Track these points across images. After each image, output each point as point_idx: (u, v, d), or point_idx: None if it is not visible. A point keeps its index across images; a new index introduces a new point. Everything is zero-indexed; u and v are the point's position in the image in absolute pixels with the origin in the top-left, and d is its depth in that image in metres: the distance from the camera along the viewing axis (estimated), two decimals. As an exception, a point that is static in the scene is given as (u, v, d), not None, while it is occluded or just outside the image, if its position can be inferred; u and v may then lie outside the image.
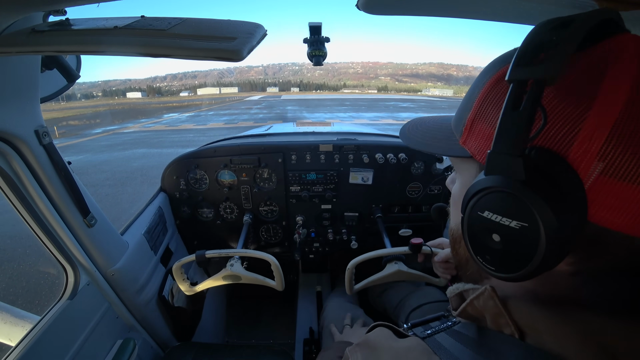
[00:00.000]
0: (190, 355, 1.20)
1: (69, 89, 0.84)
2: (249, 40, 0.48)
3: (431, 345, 0.36)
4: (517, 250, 0.29)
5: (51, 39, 0.53)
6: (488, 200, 0.31)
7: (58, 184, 0.85)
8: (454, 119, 0.43)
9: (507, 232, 0.29)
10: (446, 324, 0.41)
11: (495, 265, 0.32)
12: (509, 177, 0.28)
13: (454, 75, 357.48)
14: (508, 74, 0.29)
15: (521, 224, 0.28)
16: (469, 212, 0.33)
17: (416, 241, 1.06)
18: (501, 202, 0.30)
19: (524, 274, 0.29)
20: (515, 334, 0.31)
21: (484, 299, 0.35)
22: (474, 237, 0.33)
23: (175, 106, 38.62)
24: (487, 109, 0.35)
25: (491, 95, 0.35)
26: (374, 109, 26.44)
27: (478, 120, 0.36)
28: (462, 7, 0.61)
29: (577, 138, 0.27)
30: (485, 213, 0.31)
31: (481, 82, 0.37)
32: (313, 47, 0.73)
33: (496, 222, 0.30)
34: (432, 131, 0.47)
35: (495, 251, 0.31)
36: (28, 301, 2.75)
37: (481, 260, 0.33)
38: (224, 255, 1.19)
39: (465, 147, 0.37)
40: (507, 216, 0.29)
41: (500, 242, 0.30)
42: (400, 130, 0.52)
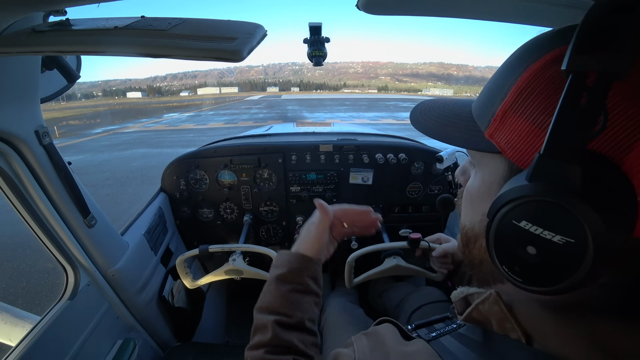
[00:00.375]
0: (190, 355, 1.20)
1: (69, 89, 0.84)
2: (249, 40, 0.48)
3: (437, 348, 0.35)
4: (556, 265, 0.26)
5: (51, 39, 0.53)
6: (528, 209, 0.27)
7: (58, 184, 0.85)
8: (478, 106, 0.38)
9: (547, 246, 0.26)
10: (451, 327, 0.40)
11: (524, 278, 0.29)
12: (559, 185, 0.25)
13: (454, 75, 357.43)
14: (567, 62, 0.24)
15: (566, 239, 0.25)
16: (501, 219, 0.29)
17: (415, 236, 1.07)
18: (545, 213, 0.26)
19: (557, 289, 0.27)
20: (522, 339, 0.30)
21: (489, 304, 0.34)
22: (503, 245, 0.30)
23: (175, 106, 38.63)
24: (527, 100, 0.30)
25: (534, 84, 0.30)
26: (374, 109, 26.44)
27: (513, 113, 0.31)
28: (462, 7, 0.61)
29: (636, 145, 0.24)
30: (522, 223, 0.27)
31: (520, 66, 0.31)
32: (313, 47, 0.73)
33: (534, 234, 0.27)
34: (448, 117, 0.41)
35: (527, 264, 0.28)
36: (28, 301, 2.75)
37: (507, 270, 0.30)
38: (226, 249, 1.21)
39: (492, 141, 0.33)
40: (550, 229, 0.26)
41: (536, 256, 0.27)
42: (410, 114, 0.46)
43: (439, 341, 0.37)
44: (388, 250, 1.19)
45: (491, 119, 0.33)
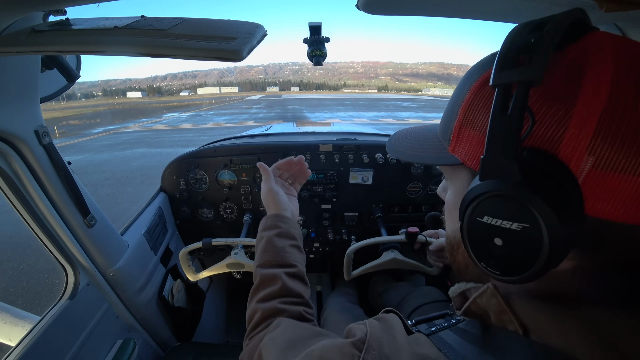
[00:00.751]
0: (190, 355, 1.20)
1: (69, 89, 0.84)
2: (249, 40, 0.48)
3: (436, 342, 0.36)
4: (521, 252, 0.29)
5: (51, 39, 0.53)
6: (486, 205, 0.31)
7: (58, 184, 0.85)
8: (440, 127, 0.43)
9: (509, 235, 0.29)
10: (450, 322, 0.41)
11: (500, 269, 0.31)
12: (504, 180, 0.29)
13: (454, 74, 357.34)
14: (492, 79, 0.29)
15: (522, 225, 0.28)
16: (468, 219, 0.33)
17: (412, 230, 1.11)
18: (499, 205, 0.30)
19: (529, 275, 0.29)
20: (519, 330, 0.31)
21: (486, 297, 0.35)
22: (476, 243, 0.33)
23: (175, 106, 38.61)
24: (473, 114, 0.35)
25: (476, 100, 0.35)
26: (374, 109, 26.44)
27: (465, 127, 0.36)
28: (462, 7, 0.61)
29: (565, 136, 0.27)
30: (484, 218, 0.31)
31: (464, 88, 0.37)
32: (313, 47, 0.73)
33: (497, 226, 0.30)
34: (420, 141, 0.47)
35: (499, 255, 0.31)
36: (28, 301, 2.75)
37: (485, 265, 0.33)
38: (229, 243, 1.22)
39: (455, 155, 0.37)
40: (507, 219, 0.29)
41: (503, 246, 0.30)
42: (386, 144, 0.52)
43: (438, 335, 0.38)
44: (386, 243, 1.22)
45: (450, 136, 0.38)
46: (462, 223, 0.34)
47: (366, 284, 1.83)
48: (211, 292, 1.78)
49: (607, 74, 0.26)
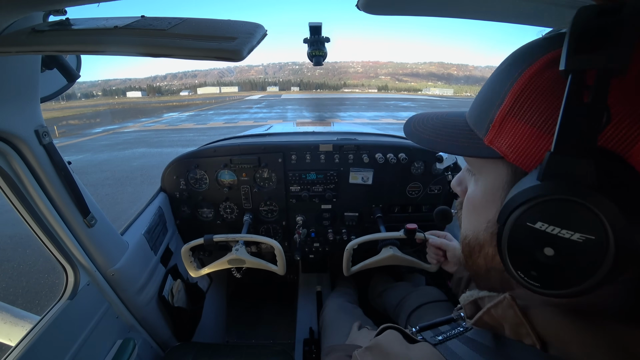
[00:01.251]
0: (190, 355, 1.20)
1: (69, 89, 0.84)
2: (249, 40, 0.48)
3: (444, 353, 0.34)
4: (576, 265, 0.26)
5: (51, 39, 0.53)
6: (543, 209, 0.27)
7: (58, 184, 0.85)
8: (473, 114, 0.38)
9: (566, 245, 0.26)
10: (458, 330, 0.40)
11: (542, 282, 0.28)
12: (574, 182, 0.25)
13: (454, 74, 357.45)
14: (564, 63, 0.25)
15: (586, 236, 0.24)
16: (514, 223, 0.28)
17: (411, 226, 1.13)
18: (561, 211, 0.26)
19: (579, 290, 0.26)
20: (536, 344, 0.29)
21: (502, 308, 0.32)
22: (517, 250, 0.29)
23: (175, 105, 38.60)
24: (525, 104, 0.30)
25: (531, 88, 0.30)
26: (374, 109, 26.43)
27: (512, 117, 0.31)
28: (462, 7, 0.61)
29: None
30: (537, 224, 0.27)
31: (513, 72, 0.32)
32: (313, 47, 0.73)
33: (552, 235, 0.26)
34: (445, 127, 0.41)
35: (545, 266, 0.27)
36: (28, 301, 2.75)
37: (523, 275, 0.29)
38: (230, 239, 1.23)
39: (493, 147, 0.33)
40: (568, 228, 0.25)
41: (554, 257, 0.26)
42: (404, 127, 0.47)
43: (446, 345, 0.36)
44: (385, 240, 1.23)
45: (489, 125, 0.34)
46: (503, 226, 0.30)
47: (366, 284, 1.83)
48: (211, 292, 1.78)
49: None
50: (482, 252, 0.38)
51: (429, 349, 0.35)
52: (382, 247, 1.23)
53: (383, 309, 1.50)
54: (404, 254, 1.20)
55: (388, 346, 0.38)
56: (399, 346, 0.38)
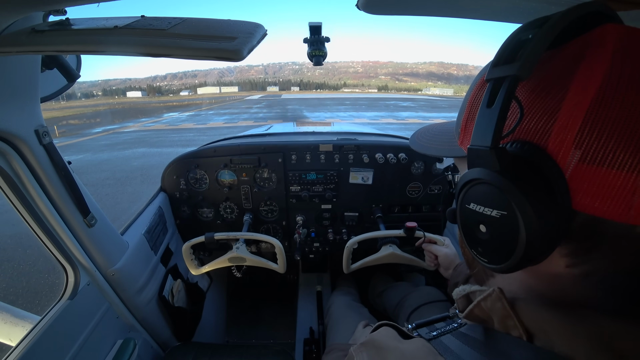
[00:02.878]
0: (190, 355, 1.20)
1: (69, 89, 0.84)
2: (249, 40, 0.48)
3: (437, 347, 0.35)
4: (501, 239, 0.30)
5: (51, 39, 0.53)
6: (472, 192, 0.32)
7: (58, 184, 0.85)
8: (456, 122, 0.45)
9: (491, 221, 0.30)
10: (452, 326, 0.41)
11: (487, 257, 0.33)
12: (486, 168, 0.30)
13: (454, 74, 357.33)
14: (487, 75, 0.31)
15: (501, 212, 0.29)
16: (460, 206, 0.34)
17: (411, 224, 1.14)
18: (482, 192, 0.31)
19: (512, 263, 0.30)
20: (523, 336, 0.31)
21: (491, 301, 0.35)
22: (466, 229, 0.35)
23: (175, 105, 38.59)
24: (475, 109, 0.37)
25: (478, 96, 0.37)
26: (374, 108, 26.43)
27: (470, 121, 0.38)
28: (462, 7, 0.61)
29: (553, 128, 0.27)
30: (471, 205, 0.32)
31: (472, 86, 0.40)
32: (313, 47, 0.73)
33: (480, 213, 0.31)
34: (438, 136, 0.50)
35: (484, 242, 0.32)
36: (28, 301, 2.75)
37: (475, 252, 0.34)
38: (232, 237, 1.24)
39: (462, 147, 0.39)
40: (488, 206, 0.30)
41: (487, 233, 0.31)
42: (410, 138, 0.56)
43: (440, 340, 0.37)
44: (385, 238, 1.24)
45: (459, 129, 0.41)
46: (457, 210, 0.35)
47: (366, 284, 1.83)
48: (211, 292, 1.78)
49: (601, 67, 0.26)
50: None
51: (421, 343, 0.37)
52: (382, 245, 1.24)
53: (383, 308, 1.50)
54: (403, 253, 1.21)
55: (382, 341, 0.39)
56: (393, 341, 0.39)
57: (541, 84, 0.30)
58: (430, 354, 0.34)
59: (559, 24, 0.27)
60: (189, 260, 1.25)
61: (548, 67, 0.30)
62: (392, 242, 1.23)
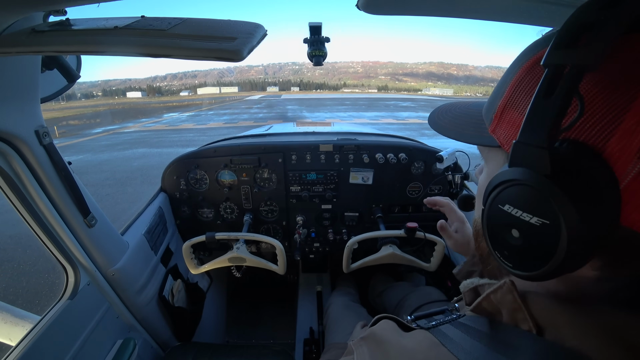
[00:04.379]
0: (190, 355, 1.20)
1: (69, 89, 0.84)
2: (249, 40, 0.48)
3: (437, 335, 0.35)
4: (537, 248, 0.27)
5: (51, 39, 0.53)
6: (510, 193, 0.29)
7: (58, 184, 0.85)
8: (486, 106, 0.41)
9: (527, 228, 0.28)
10: (450, 317, 0.40)
11: (513, 262, 0.30)
12: (533, 170, 0.27)
13: (454, 74, 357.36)
14: (544, 58, 0.26)
15: (542, 220, 0.26)
16: (490, 205, 0.32)
17: (412, 225, 1.15)
18: (523, 196, 0.28)
19: (541, 274, 0.27)
20: (533, 330, 0.30)
21: (502, 293, 0.34)
22: (493, 230, 0.32)
23: (175, 106, 38.58)
24: (519, 95, 0.32)
25: (525, 80, 0.32)
26: (374, 109, 26.43)
27: (509, 108, 0.34)
28: (462, 7, 0.61)
29: (616, 132, 0.24)
30: (505, 207, 0.29)
31: (515, 67, 0.34)
32: (313, 47, 0.73)
33: (516, 217, 0.28)
34: (462, 117, 0.45)
35: (514, 247, 0.30)
36: (28, 301, 2.75)
37: (499, 255, 0.32)
38: (232, 237, 1.24)
39: (494, 136, 0.35)
40: (528, 211, 0.27)
41: (520, 239, 0.29)
42: (429, 116, 0.51)
43: (439, 329, 0.37)
44: (385, 238, 1.24)
45: (492, 115, 0.36)
46: (484, 208, 0.33)
47: (366, 284, 1.83)
48: (211, 292, 1.78)
49: None
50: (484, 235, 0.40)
51: (422, 335, 0.36)
52: (382, 246, 1.24)
53: (383, 308, 1.50)
54: (403, 253, 1.21)
55: (382, 335, 0.39)
56: (393, 335, 0.38)
57: (609, 76, 0.25)
58: (432, 347, 0.34)
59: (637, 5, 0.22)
60: (188, 259, 1.25)
61: (618, 57, 0.25)
62: (392, 242, 1.23)
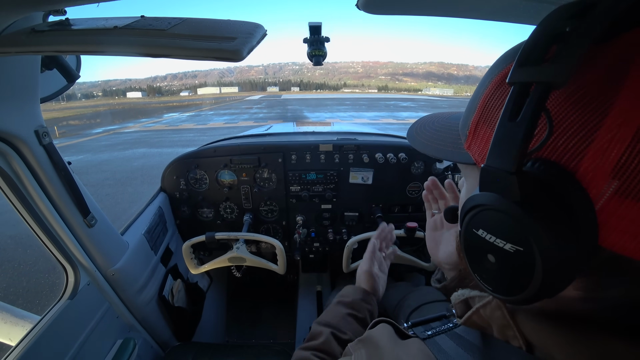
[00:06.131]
0: (190, 355, 1.20)
1: (69, 89, 0.84)
2: (249, 40, 0.48)
3: (431, 347, 0.35)
4: (513, 274, 0.26)
5: (51, 39, 0.53)
6: (482, 217, 0.28)
7: (58, 184, 0.85)
8: (461, 121, 0.39)
9: (502, 254, 0.27)
10: (447, 326, 0.40)
11: (492, 286, 0.29)
12: (503, 195, 0.25)
13: (455, 74, 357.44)
14: (509, 76, 0.25)
15: (516, 247, 0.25)
16: (465, 228, 0.30)
17: (412, 225, 1.16)
18: (495, 221, 0.27)
19: (520, 298, 0.26)
20: (523, 347, 0.29)
21: (491, 309, 0.33)
22: (470, 253, 0.31)
23: (175, 106, 38.59)
24: (490, 111, 0.31)
25: (495, 95, 0.31)
26: (374, 109, 26.44)
27: (482, 124, 0.32)
28: (462, 6, 0.61)
29: (588, 150, 0.22)
30: (479, 231, 0.28)
31: (486, 80, 0.33)
32: (313, 47, 0.73)
33: (490, 243, 0.27)
34: (440, 132, 0.43)
35: (491, 272, 0.28)
36: (28, 301, 2.75)
37: (479, 278, 0.31)
38: (232, 237, 1.25)
39: (469, 152, 0.34)
40: (501, 237, 0.26)
41: (496, 264, 0.28)
42: (407, 131, 0.49)
43: (434, 340, 0.37)
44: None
45: (467, 131, 0.34)
46: (460, 230, 0.31)
47: (366, 284, 1.83)
48: (211, 292, 1.78)
49: None
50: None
51: (416, 346, 0.36)
52: None
53: (383, 308, 1.50)
54: (403, 253, 1.21)
55: (379, 339, 0.40)
56: (389, 341, 0.39)
57: (577, 92, 0.23)
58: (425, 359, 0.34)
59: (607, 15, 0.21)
60: (188, 259, 1.25)
61: (588, 70, 0.23)
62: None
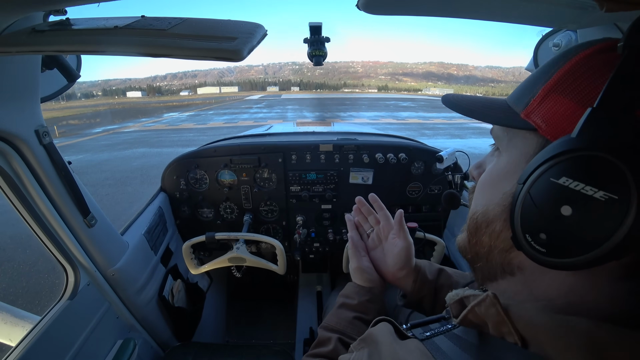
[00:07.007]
0: (190, 355, 1.20)
1: (69, 89, 0.84)
2: (249, 40, 0.48)
3: (429, 347, 0.36)
4: (590, 229, 0.25)
5: (51, 39, 0.53)
6: (571, 164, 0.26)
7: (58, 184, 0.85)
8: (514, 94, 0.39)
9: (586, 204, 0.25)
10: (446, 327, 0.40)
11: (548, 247, 0.28)
12: (608, 138, 0.24)
13: (454, 74, 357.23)
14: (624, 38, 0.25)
15: (609, 195, 0.24)
16: (535, 179, 0.28)
17: (411, 225, 1.14)
18: (591, 167, 0.25)
19: (584, 260, 0.25)
20: (518, 342, 0.30)
21: (485, 306, 0.33)
22: (533, 210, 0.29)
23: (175, 105, 38.58)
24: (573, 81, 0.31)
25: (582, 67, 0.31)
26: (374, 109, 26.44)
27: (556, 93, 0.32)
28: (462, 7, 0.61)
29: None
30: (561, 179, 0.26)
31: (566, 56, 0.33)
32: (313, 47, 0.73)
33: (574, 191, 0.25)
34: (482, 101, 0.43)
35: (556, 229, 0.27)
36: (28, 301, 2.75)
37: (530, 239, 0.29)
38: (232, 237, 1.25)
39: (529, 120, 0.34)
40: (593, 185, 0.25)
41: (570, 217, 0.26)
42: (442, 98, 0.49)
43: (433, 341, 0.37)
44: None
45: (530, 99, 0.34)
46: (523, 185, 0.30)
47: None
48: (211, 292, 1.78)
49: None
50: (488, 228, 0.38)
51: (414, 346, 0.36)
52: None
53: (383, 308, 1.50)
54: None
55: (378, 337, 0.40)
56: (389, 340, 0.39)
57: None
58: (422, 357, 0.34)
59: None
60: (188, 259, 1.25)
61: None
62: None
